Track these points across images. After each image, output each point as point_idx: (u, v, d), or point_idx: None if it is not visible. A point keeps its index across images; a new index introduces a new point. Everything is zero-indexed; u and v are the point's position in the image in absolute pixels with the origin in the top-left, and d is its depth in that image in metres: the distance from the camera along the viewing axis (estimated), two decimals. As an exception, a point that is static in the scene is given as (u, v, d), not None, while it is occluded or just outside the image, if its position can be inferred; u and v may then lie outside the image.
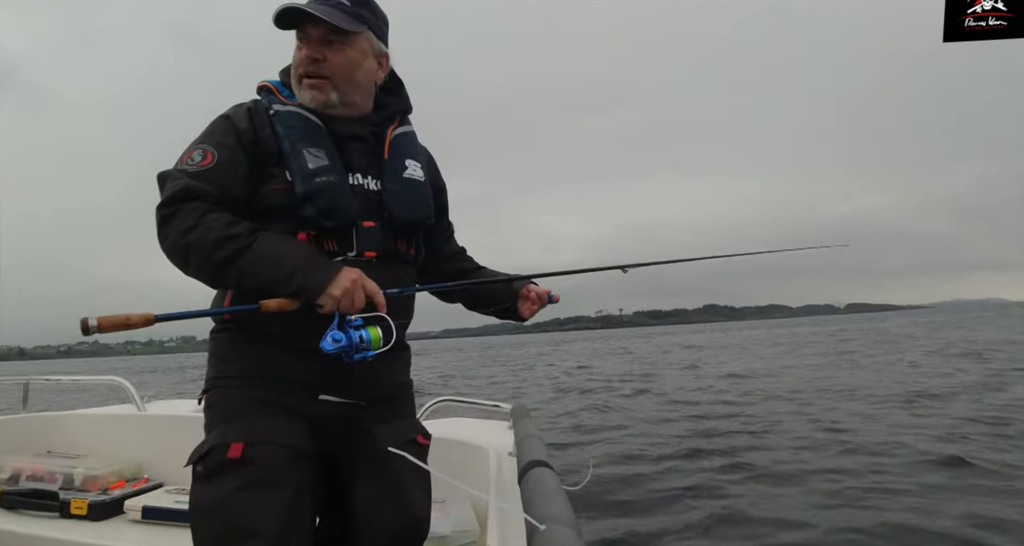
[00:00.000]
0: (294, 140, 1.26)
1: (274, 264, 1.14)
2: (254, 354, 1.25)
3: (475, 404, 2.79)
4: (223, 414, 1.22)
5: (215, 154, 1.22)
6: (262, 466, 1.15)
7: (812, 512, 4.15)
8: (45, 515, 2.20)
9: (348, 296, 1.14)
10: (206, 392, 1.28)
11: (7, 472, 2.36)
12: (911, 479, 4.73)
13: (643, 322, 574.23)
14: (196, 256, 1.14)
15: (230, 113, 1.29)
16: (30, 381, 2.97)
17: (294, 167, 1.24)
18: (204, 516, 1.15)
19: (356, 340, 1.16)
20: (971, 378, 10.51)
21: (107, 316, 1.04)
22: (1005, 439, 5.90)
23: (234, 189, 1.21)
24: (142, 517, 2.17)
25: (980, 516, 3.80)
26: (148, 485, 2.42)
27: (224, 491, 1.13)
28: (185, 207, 1.15)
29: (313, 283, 1.13)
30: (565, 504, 0.92)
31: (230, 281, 1.16)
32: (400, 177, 1.36)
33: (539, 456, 1.34)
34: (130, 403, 2.90)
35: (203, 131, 1.28)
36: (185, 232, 1.13)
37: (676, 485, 5.04)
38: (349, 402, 1.28)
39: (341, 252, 1.27)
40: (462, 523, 1.96)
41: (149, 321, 1.07)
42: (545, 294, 1.51)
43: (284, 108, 1.30)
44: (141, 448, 2.59)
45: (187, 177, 1.18)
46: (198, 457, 1.17)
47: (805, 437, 6.60)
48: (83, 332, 1.03)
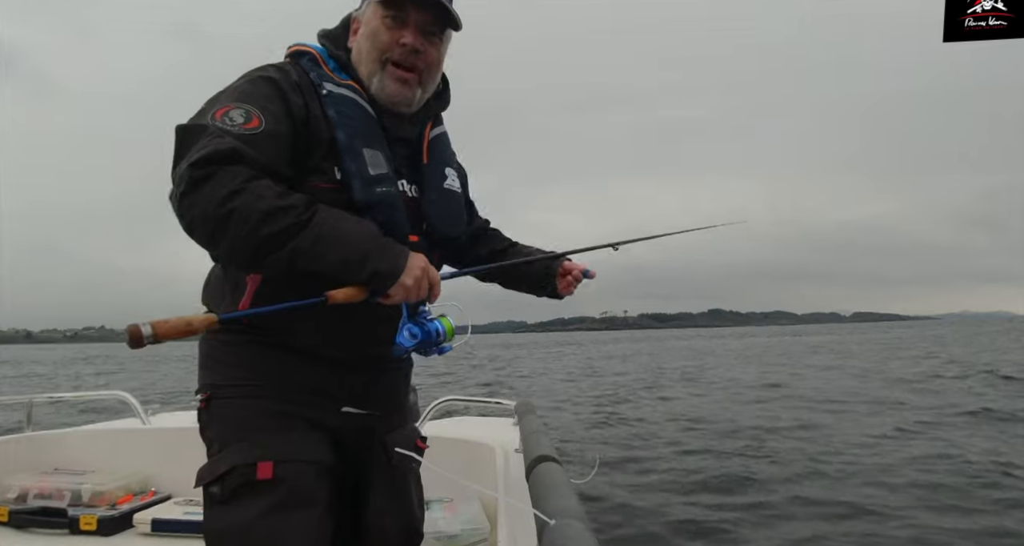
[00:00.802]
0: (352, 134, 1.10)
1: (342, 245, 0.96)
2: (273, 361, 1.13)
3: (479, 402, 2.79)
4: (238, 428, 1.10)
5: (263, 119, 1.02)
6: (292, 485, 1.06)
7: (819, 510, 4.16)
8: (55, 532, 2.20)
9: (417, 285, 1.01)
10: (207, 400, 1.15)
11: (15, 491, 2.35)
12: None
13: (647, 324, 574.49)
14: (237, 227, 0.92)
15: (276, 76, 1.09)
16: (33, 400, 2.96)
17: (352, 169, 1.08)
18: (227, 541, 1.06)
19: (433, 333, 1.06)
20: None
21: (165, 321, 0.86)
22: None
23: (280, 165, 1.03)
24: (152, 530, 2.17)
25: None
26: (156, 498, 2.41)
27: (250, 514, 1.03)
28: (227, 169, 0.94)
29: (388, 268, 0.98)
30: (574, 498, 0.92)
31: (276, 263, 0.96)
32: (440, 187, 1.26)
33: (546, 451, 1.34)
34: (134, 417, 2.89)
35: (237, 88, 1.08)
36: (226, 198, 0.91)
37: (684, 477, 5.05)
38: (367, 413, 1.23)
39: None
40: (472, 521, 1.96)
41: (213, 323, 0.94)
42: (581, 271, 1.41)
43: (338, 90, 1.13)
44: (147, 461, 2.58)
45: (231, 136, 0.97)
46: (214, 477, 1.06)
47: (806, 441, 6.61)
48: (133, 344, 0.84)
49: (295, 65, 1.17)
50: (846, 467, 5.03)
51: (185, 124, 1.02)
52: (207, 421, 1.16)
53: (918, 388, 10.80)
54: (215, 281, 1.18)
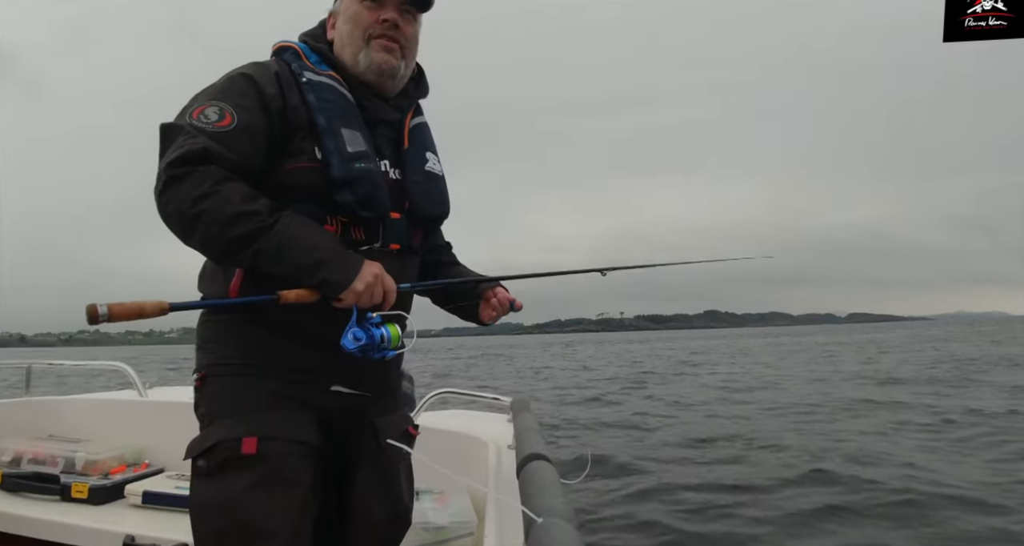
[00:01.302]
0: (330, 116, 1.16)
1: (298, 252, 1.04)
2: (261, 340, 1.17)
3: (475, 396, 2.79)
4: (228, 405, 1.14)
5: (234, 115, 1.09)
6: (276, 463, 1.08)
7: (810, 512, 4.16)
8: (46, 498, 2.22)
9: (369, 291, 1.08)
10: (202, 379, 1.19)
11: (9, 455, 2.38)
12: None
13: (644, 326, 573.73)
14: (206, 227, 1.01)
15: (251, 72, 1.16)
16: (32, 365, 2.98)
17: (330, 147, 1.14)
18: (209, 514, 1.09)
19: (377, 338, 1.11)
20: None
21: (119, 303, 0.94)
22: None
23: (251, 158, 1.10)
24: (142, 502, 2.18)
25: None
26: (149, 470, 2.43)
27: (234, 488, 1.06)
28: (199, 170, 1.02)
29: (338, 276, 1.05)
30: (563, 497, 0.93)
31: (242, 261, 1.06)
32: (422, 169, 1.32)
33: (538, 449, 1.34)
34: (132, 389, 2.91)
35: (215, 86, 1.15)
36: (197, 200, 1.01)
37: (675, 480, 5.06)
38: (357, 394, 1.24)
39: (368, 242, 1.21)
40: (460, 514, 1.97)
41: (164, 310, 0.99)
42: (508, 301, 1.41)
43: (317, 78, 1.20)
44: (142, 434, 2.60)
45: (204, 136, 1.05)
46: (201, 450, 1.10)
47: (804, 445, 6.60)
48: (90, 320, 0.92)
49: (278, 60, 1.24)
50: (842, 468, 5.03)
51: (166, 123, 1.09)
52: (200, 399, 1.19)
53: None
54: (208, 272, 1.23)
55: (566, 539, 0.74)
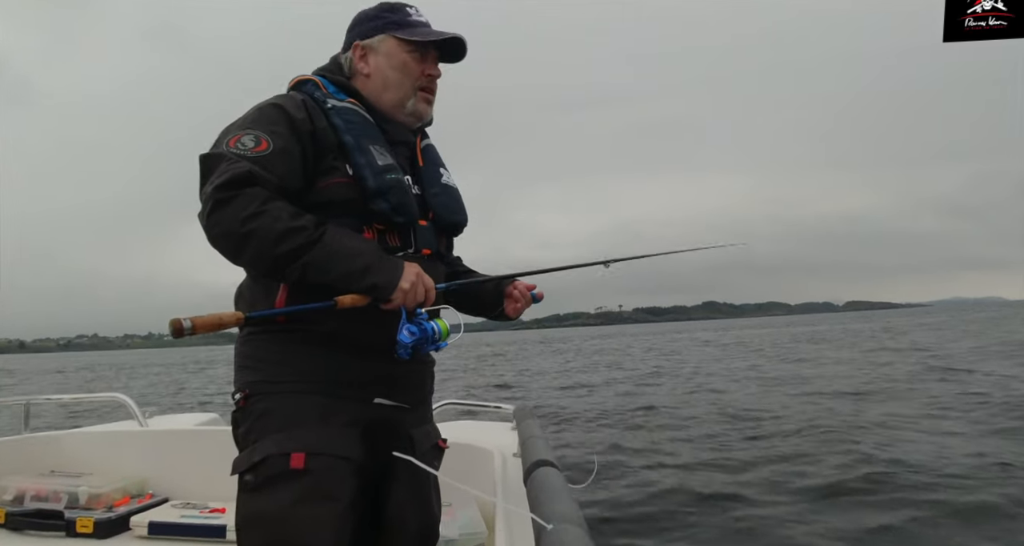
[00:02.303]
0: (357, 135, 1.25)
1: (346, 260, 1.11)
2: (306, 356, 1.21)
3: (478, 406, 2.79)
4: (276, 422, 1.17)
5: (270, 141, 1.17)
6: (321, 478, 1.12)
7: (826, 516, 4.13)
8: (51, 535, 2.19)
9: (414, 290, 1.15)
10: (247, 398, 1.21)
11: (11, 493, 2.35)
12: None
13: (643, 319, 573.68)
14: (257, 245, 1.08)
15: (281, 102, 1.25)
16: (30, 401, 2.96)
17: (361, 162, 1.23)
18: (256, 529, 1.12)
19: (430, 332, 1.18)
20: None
21: (200, 317, 1.01)
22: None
23: (290, 179, 1.18)
24: (149, 533, 2.16)
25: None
26: (153, 501, 2.40)
27: (281, 503, 1.10)
28: (246, 192, 1.09)
29: (385, 279, 1.13)
30: (572, 503, 0.92)
31: (292, 274, 1.11)
32: (439, 182, 1.42)
33: (544, 456, 1.34)
34: (132, 419, 2.89)
35: (246, 117, 1.23)
36: (247, 220, 1.07)
37: (685, 483, 5.04)
38: (398, 405, 1.28)
39: (402, 248, 1.29)
40: (469, 525, 1.96)
41: (240, 320, 1.09)
42: (528, 292, 1.51)
43: (340, 103, 1.29)
44: (144, 464, 2.58)
45: (246, 161, 1.12)
46: (249, 466, 1.14)
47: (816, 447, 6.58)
48: (175, 334, 0.98)
49: (299, 91, 1.33)
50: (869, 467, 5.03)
51: (206, 153, 1.17)
52: (243, 418, 1.21)
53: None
54: (247, 291, 1.28)
55: (577, 545, 0.74)
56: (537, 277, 1.53)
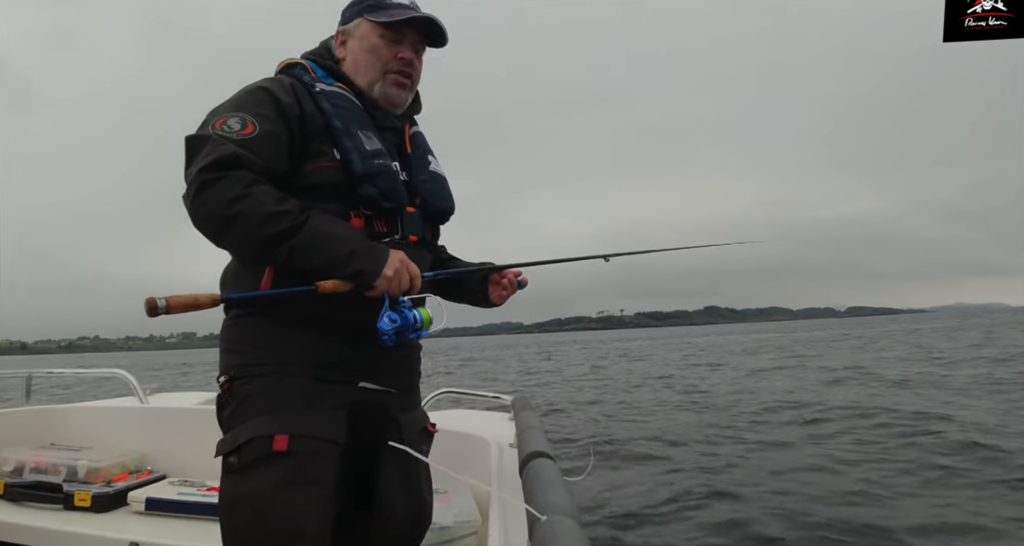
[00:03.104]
0: (346, 120, 1.25)
1: (331, 244, 1.11)
2: (291, 339, 1.20)
3: (476, 395, 2.80)
4: (260, 404, 1.16)
5: (256, 124, 1.16)
6: (305, 461, 1.12)
7: (822, 509, 4.15)
8: (49, 507, 2.21)
9: (398, 278, 1.14)
10: (231, 380, 1.20)
11: (11, 465, 2.37)
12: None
13: (645, 323, 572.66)
14: (243, 227, 1.07)
15: (267, 85, 1.24)
16: (32, 374, 2.98)
17: (349, 146, 1.22)
18: (239, 511, 1.12)
19: (411, 320, 1.17)
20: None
21: (176, 296, 1.01)
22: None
23: (276, 162, 1.17)
24: (145, 509, 2.17)
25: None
26: (151, 477, 2.42)
27: (264, 486, 1.09)
28: (232, 174, 1.08)
29: (370, 265, 1.12)
30: (566, 494, 0.93)
31: (278, 257, 1.11)
32: (427, 170, 1.41)
33: (540, 447, 1.34)
34: (132, 396, 2.91)
35: (232, 100, 1.22)
36: (232, 201, 1.06)
37: (680, 478, 5.06)
38: (383, 390, 1.27)
39: (389, 234, 1.28)
40: (464, 513, 1.97)
41: (216, 302, 1.08)
42: (514, 278, 1.48)
43: (329, 88, 1.28)
44: (144, 440, 2.60)
45: (231, 143, 1.11)
46: (233, 448, 1.13)
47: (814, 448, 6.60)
48: (150, 312, 0.99)
49: (287, 75, 1.32)
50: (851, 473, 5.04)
51: (191, 135, 1.15)
52: (227, 400, 1.20)
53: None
54: (232, 274, 1.26)
55: (570, 536, 0.74)
56: (540, 280, 1.53)
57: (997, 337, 25.44)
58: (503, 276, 1.47)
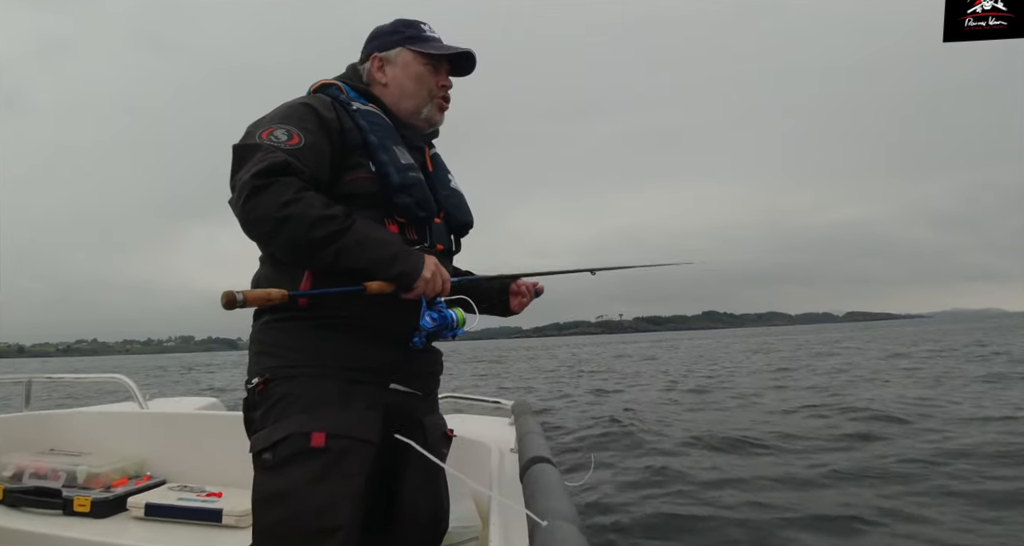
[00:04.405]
0: (381, 136, 1.34)
1: (376, 247, 1.18)
2: (326, 342, 1.25)
3: (477, 400, 2.79)
4: (296, 404, 1.20)
5: (301, 136, 1.23)
6: (340, 458, 1.16)
7: (838, 519, 4.12)
8: (48, 513, 2.21)
9: (434, 280, 1.21)
10: (266, 382, 1.23)
11: (10, 470, 2.37)
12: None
13: (644, 328, 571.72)
14: (294, 230, 1.14)
15: (310, 101, 1.33)
16: (32, 379, 2.97)
17: (385, 159, 1.30)
18: (273, 506, 1.14)
19: (450, 319, 1.27)
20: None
21: (251, 291, 1.10)
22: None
23: (320, 172, 1.25)
24: (145, 514, 2.17)
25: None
26: (151, 482, 2.42)
27: (298, 480, 1.13)
28: (283, 180, 1.15)
29: (411, 268, 1.19)
30: (567, 500, 0.93)
31: (325, 259, 1.17)
32: (449, 186, 1.50)
33: (541, 452, 1.34)
34: (132, 401, 2.90)
35: (276, 113, 1.30)
36: (283, 205, 1.13)
37: (681, 482, 5.04)
38: (411, 392, 1.34)
39: (419, 242, 1.36)
40: (464, 519, 1.96)
41: (285, 297, 1.14)
42: (533, 286, 1.61)
43: (364, 107, 1.38)
44: (144, 446, 2.59)
45: (282, 152, 1.19)
46: (268, 444, 1.16)
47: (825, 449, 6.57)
48: (227, 305, 1.06)
49: (324, 94, 1.41)
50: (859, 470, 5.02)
51: (240, 143, 1.23)
52: (260, 401, 1.23)
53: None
54: (266, 280, 1.30)
55: (571, 542, 0.74)
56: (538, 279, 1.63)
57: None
58: (520, 284, 1.59)
